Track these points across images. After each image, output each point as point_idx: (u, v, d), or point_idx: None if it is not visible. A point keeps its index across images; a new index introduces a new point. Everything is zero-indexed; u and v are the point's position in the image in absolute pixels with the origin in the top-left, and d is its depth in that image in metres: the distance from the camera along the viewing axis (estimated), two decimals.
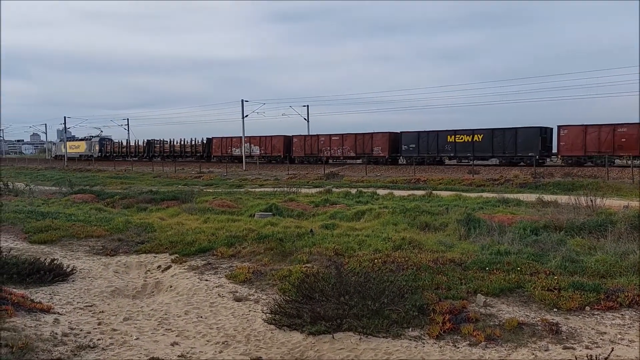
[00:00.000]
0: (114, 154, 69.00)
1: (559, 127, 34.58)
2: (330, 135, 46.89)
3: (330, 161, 46.27)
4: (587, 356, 4.85)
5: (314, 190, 26.02)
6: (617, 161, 33.06)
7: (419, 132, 41.04)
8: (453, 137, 39.23)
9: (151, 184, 34.02)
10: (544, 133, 36.04)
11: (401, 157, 43.35)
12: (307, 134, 51.15)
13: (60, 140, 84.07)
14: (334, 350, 5.73)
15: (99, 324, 6.69)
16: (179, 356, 5.68)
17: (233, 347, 6.01)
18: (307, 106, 58.21)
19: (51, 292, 8.00)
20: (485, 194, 22.70)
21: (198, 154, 58.64)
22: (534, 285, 7.24)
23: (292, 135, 50.09)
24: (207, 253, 10.40)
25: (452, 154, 40.06)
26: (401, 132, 42.59)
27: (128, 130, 79.18)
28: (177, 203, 19.27)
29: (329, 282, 6.93)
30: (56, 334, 6.00)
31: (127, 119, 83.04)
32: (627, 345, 5.53)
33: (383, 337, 5.92)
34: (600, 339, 5.73)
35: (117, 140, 74.37)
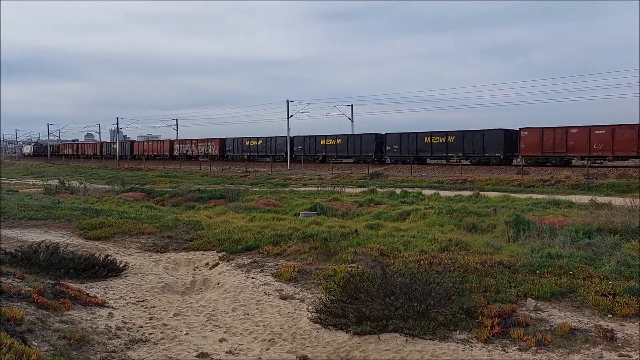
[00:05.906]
0: (40, 153, 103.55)
1: None
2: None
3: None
4: None
5: (357, 190, 25.96)
6: None
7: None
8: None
9: (198, 183, 34.80)
10: None
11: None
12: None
13: (23, 143, 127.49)
14: (380, 351, 5.71)
15: (151, 318, 6.90)
16: (227, 352, 5.79)
17: (279, 345, 6.08)
18: (352, 105, 57.99)
19: (105, 286, 8.31)
20: (534, 195, 22.07)
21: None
22: (587, 290, 6.99)
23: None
24: (253, 251, 10.55)
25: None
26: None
27: (177, 130, 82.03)
28: (224, 201, 19.64)
29: (374, 282, 6.92)
30: (110, 327, 6.24)
31: (176, 120, 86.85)
32: None
33: (429, 339, 5.86)
34: None
35: (42, 144, 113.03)
